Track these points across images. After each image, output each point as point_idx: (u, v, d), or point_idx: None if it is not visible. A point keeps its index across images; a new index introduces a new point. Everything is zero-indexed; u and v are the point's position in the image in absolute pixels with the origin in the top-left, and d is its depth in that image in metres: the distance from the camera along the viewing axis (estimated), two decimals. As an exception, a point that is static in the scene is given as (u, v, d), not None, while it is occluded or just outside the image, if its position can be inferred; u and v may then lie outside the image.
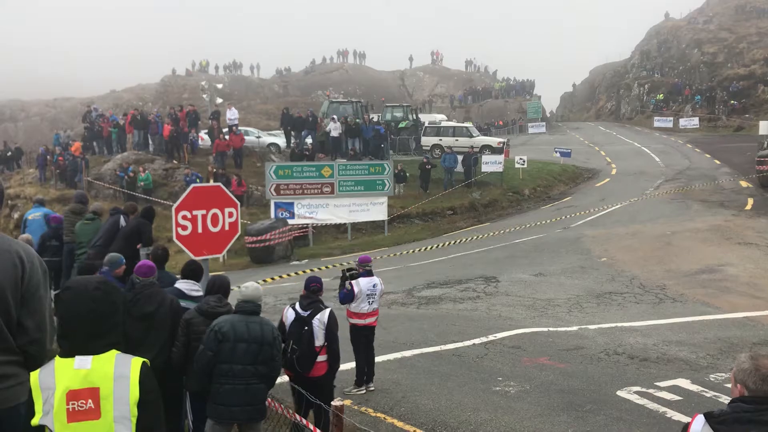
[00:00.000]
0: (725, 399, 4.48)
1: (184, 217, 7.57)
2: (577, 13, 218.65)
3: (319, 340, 6.59)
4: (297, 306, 6.82)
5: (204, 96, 67.54)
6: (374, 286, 8.33)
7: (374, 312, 8.42)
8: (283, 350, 6.48)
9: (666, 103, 62.90)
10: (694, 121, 54.35)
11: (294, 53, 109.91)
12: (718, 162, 35.07)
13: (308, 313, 6.69)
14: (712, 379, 8.21)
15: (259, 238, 21.69)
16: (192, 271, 6.58)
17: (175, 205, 7.65)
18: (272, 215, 23.97)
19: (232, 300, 5.97)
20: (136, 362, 2.89)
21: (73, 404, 2.75)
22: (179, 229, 7.56)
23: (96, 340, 2.86)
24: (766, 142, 32.88)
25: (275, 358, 5.51)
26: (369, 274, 8.45)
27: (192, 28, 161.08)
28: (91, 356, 2.83)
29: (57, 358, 2.86)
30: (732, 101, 55.83)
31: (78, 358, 2.82)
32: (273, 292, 15.63)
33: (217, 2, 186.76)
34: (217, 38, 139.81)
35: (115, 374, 2.82)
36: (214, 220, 7.72)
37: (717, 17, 69.17)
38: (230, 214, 7.85)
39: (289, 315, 6.80)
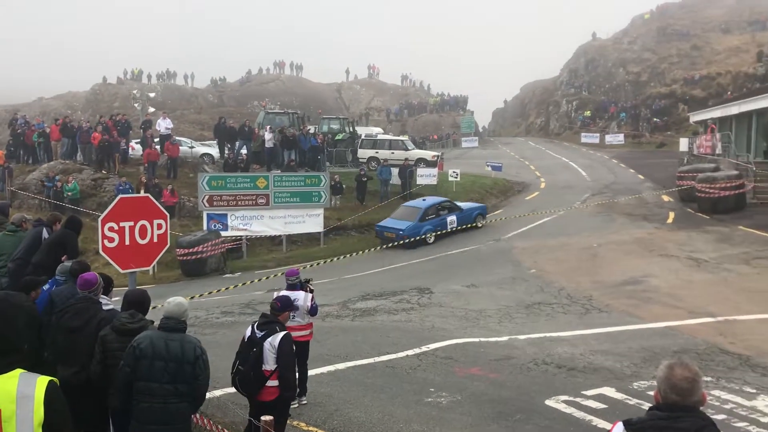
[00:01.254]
0: (648, 406, 4.67)
1: (111, 229, 7.36)
2: (509, 31, 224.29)
3: (269, 365, 6.29)
4: (255, 325, 6.56)
5: (136, 105, 66.03)
6: (294, 300, 8.30)
7: (300, 327, 8.35)
8: (232, 368, 6.37)
9: (593, 120, 65.17)
10: (620, 138, 56.45)
11: (230, 63, 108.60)
12: (641, 177, 36.48)
13: (261, 334, 6.41)
14: (636, 387, 8.49)
15: (190, 250, 21.27)
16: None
17: (102, 217, 7.43)
18: (205, 227, 23.55)
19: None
20: (41, 382, 2.74)
21: None
22: (106, 241, 7.35)
23: None
24: (686, 158, 34.49)
25: (198, 377, 5.29)
26: (292, 288, 8.41)
27: (125, 36, 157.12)
28: None
29: None
30: (655, 119, 58.37)
31: None
32: (205, 306, 15.34)
33: (152, 10, 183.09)
34: (151, 46, 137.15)
35: (18, 395, 2.67)
36: (143, 232, 7.54)
37: (641, 38, 72.24)
38: (159, 226, 7.69)
39: (247, 333, 6.57)
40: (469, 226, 24.53)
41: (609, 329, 11.38)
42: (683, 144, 40.49)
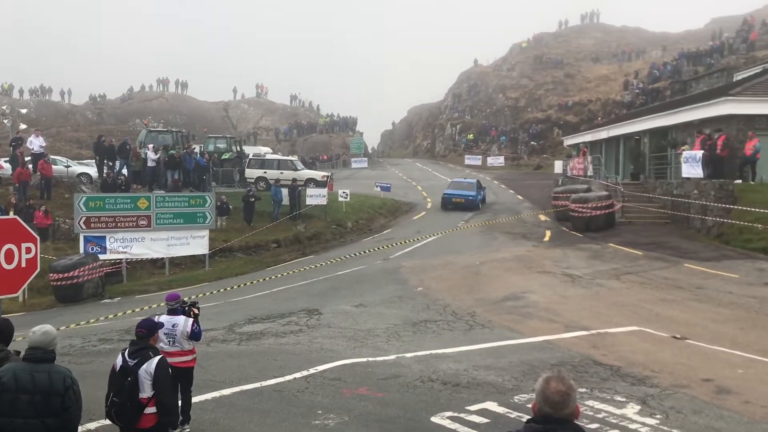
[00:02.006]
0: (527, 419, 4.86)
1: (-27, 254, 6.86)
2: (396, 55, 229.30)
3: (146, 392, 6.03)
4: (126, 352, 6.23)
5: (5, 121, 62.15)
6: (173, 326, 8.03)
7: (182, 352, 8.09)
8: (106, 399, 6.03)
9: (476, 143, 67.78)
10: (500, 160, 59.04)
11: (111, 80, 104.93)
12: (520, 197, 38.20)
13: (134, 362, 6.10)
14: (516, 401, 8.77)
15: (65, 275, 20.11)
16: None
17: (-38, 241, 6.91)
18: (81, 250, 22.37)
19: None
20: None
21: None
22: (-34, 268, 6.83)
23: None
24: (561, 179, 36.48)
25: (68, 409, 4.97)
26: (173, 312, 8.16)
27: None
28: None
29: None
30: (532, 142, 61.50)
31: None
32: (81, 333, 14.51)
33: (25, 21, 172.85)
34: (24, 60, 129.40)
35: None
36: (9, 257, 7.06)
37: (519, 66, 76.03)
38: (28, 250, 7.23)
39: (118, 362, 6.21)
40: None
41: (491, 344, 11.73)
42: (558, 166, 43.01)
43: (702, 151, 23.35)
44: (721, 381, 9.33)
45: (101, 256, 22.29)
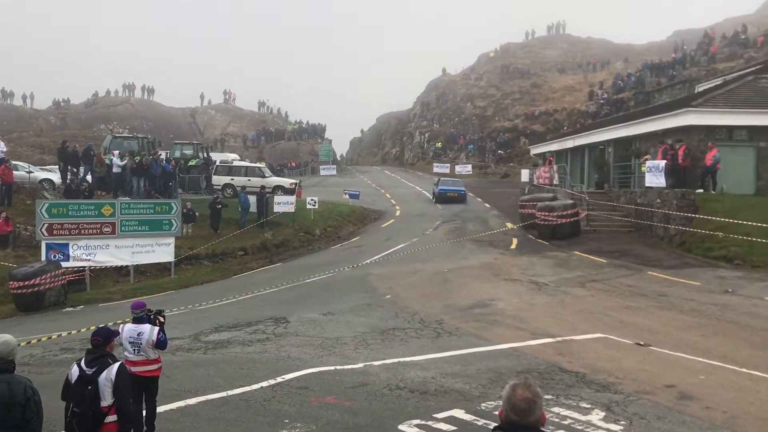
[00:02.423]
0: (494, 426, 4.83)
1: (-70, 262, 6.67)
2: (366, 63, 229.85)
3: (107, 400, 5.93)
4: (82, 362, 6.10)
5: (-37, 125, 60.68)
6: (138, 334, 7.92)
7: (147, 361, 7.97)
8: (65, 411, 5.90)
9: (444, 151, 68.24)
10: (468, 168, 59.53)
11: (75, 84, 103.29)
12: (488, 205, 38.51)
13: (93, 370, 5.99)
14: (483, 408, 8.81)
15: (26, 283, 19.68)
16: None
17: None
18: (43, 257, 21.91)
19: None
20: None
21: None
22: None
23: None
24: (527, 188, 36.88)
25: (30, 420, 4.89)
26: (138, 321, 8.04)
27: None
28: None
29: None
30: (499, 151, 62.10)
31: None
32: (41, 343, 14.22)
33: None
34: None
35: None
36: (-32, 265, 6.89)
37: (486, 75, 76.81)
38: (-12, 258, 7.06)
39: (74, 372, 6.08)
40: None
41: (459, 352, 11.76)
42: (524, 175, 43.52)
43: (664, 161, 23.82)
44: (684, 387, 9.50)
45: (64, 264, 21.86)
